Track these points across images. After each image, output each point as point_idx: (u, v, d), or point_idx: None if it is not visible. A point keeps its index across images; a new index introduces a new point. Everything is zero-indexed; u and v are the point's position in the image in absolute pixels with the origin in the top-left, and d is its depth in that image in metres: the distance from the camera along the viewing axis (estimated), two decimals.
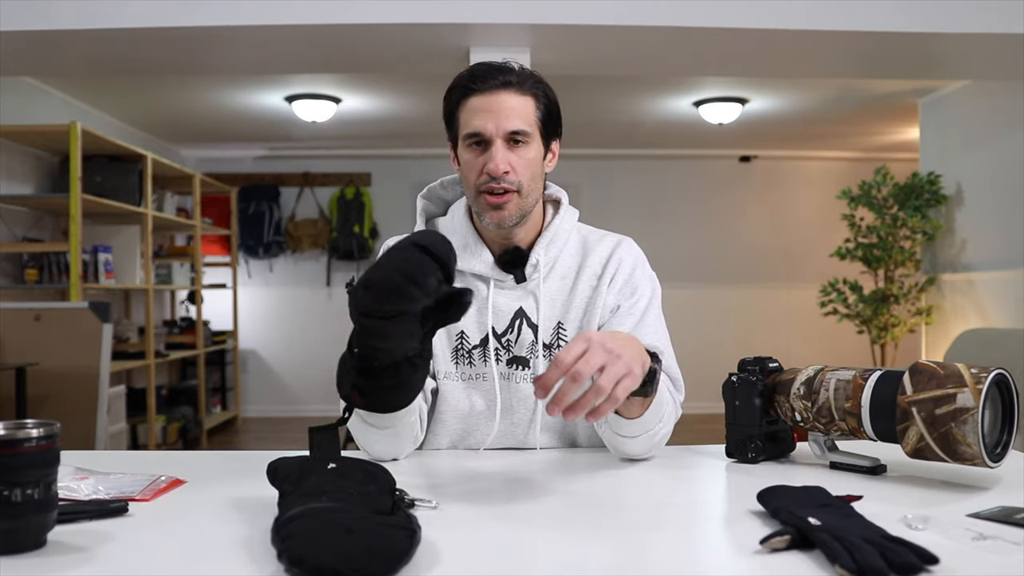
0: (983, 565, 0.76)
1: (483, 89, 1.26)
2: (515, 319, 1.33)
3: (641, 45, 3.48)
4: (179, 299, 6.33)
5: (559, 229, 1.37)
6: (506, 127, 1.25)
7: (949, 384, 0.99)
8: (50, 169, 4.66)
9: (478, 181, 1.27)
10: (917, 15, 3.24)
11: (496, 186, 1.25)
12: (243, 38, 3.34)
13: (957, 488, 1.04)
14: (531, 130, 1.27)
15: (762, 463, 1.19)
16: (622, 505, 1.03)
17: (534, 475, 1.17)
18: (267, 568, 0.75)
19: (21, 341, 3.39)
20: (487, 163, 1.25)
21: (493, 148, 1.25)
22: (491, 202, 1.26)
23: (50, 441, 0.81)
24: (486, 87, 1.26)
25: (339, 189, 6.79)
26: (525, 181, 1.27)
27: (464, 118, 1.28)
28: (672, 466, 1.23)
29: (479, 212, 1.30)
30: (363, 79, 4.81)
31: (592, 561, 0.80)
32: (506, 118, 1.25)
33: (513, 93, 1.26)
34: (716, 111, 5.37)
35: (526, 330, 1.33)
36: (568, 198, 1.43)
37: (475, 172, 1.27)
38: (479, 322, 1.33)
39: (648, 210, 6.82)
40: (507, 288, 1.35)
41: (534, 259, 1.34)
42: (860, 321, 5.21)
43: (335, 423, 0.98)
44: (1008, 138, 4.56)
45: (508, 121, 1.25)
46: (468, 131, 1.27)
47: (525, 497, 1.06)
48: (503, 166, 1.25)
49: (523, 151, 1.27)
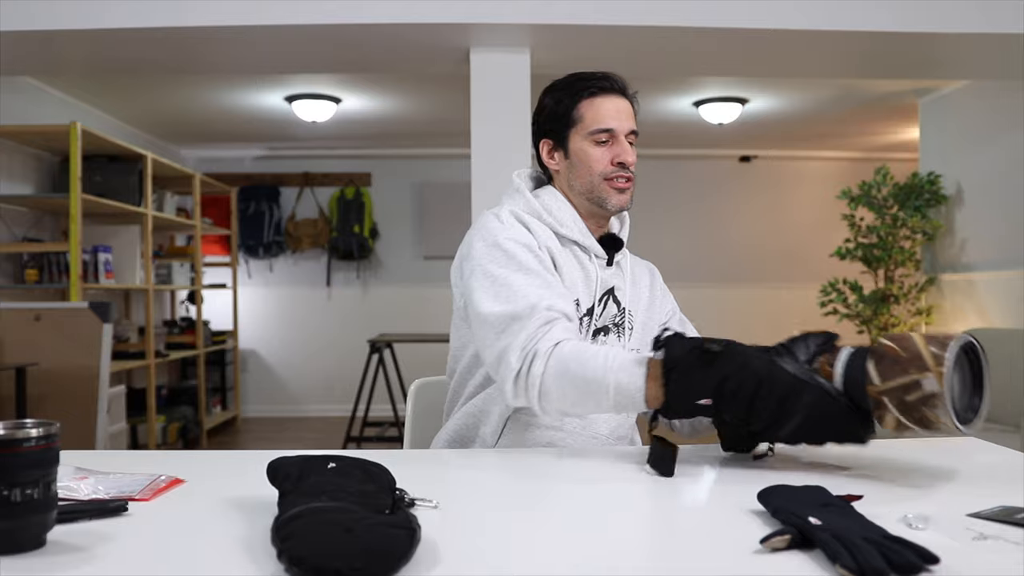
0: (983, 565, 0.76)
1: (610, 91, 1.46)
2: (606, 295, 1.48)
3: (641, 45, 3.49)
4: (179, 299, 6.33)
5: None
6: (629, 126, 1.46)
7: (912, 369, 1.00)
8: (50, 169, 4.66)
9: (606, 170, 1.44)
10: (917, 15, 3.24)
11: (623, 174, 1.44)
12: (243, 38, 3.34)
13: (957, 488, 1.04)
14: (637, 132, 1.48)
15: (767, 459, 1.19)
16: (622, 505, 1.03)
17: (535, 475, 1.17)
18: (267, 568, 0.74)
19: (21, 341, 3.39)
20: (617, 155, 1.44)
21: (622, 142, 1.44)
22: (619, 187, 1.44)
23: (50, 441, 0.81)
24: (611, 90, 1.46)
25: (339, 189, 6.79)
26: (636, 174, 1.48)
27: (592, 115, 1.45)
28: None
29: (603, 197, 1.45)
30: (363, 79, 4.81)
31: (592, 561, 0.80)
32: (628, 118, 1.46)
33: (626, 100, 1.48)
34: (716, 111, 5.37)
35: (611, 305, 1.48)
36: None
37: (603, 162, 1.44)
38: (589, 292, 1.45)
39: (648, 210, 6.82)
40: (601, 266, 1.49)
41: (624, 248, 1.54)
42: (860, 321, 5.21)
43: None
44: (1008, 138, 4.56)
45: (629, 121, 1.46)
46: (600, 126, 1.44)
47: (525, 497, 1.06)
48: (632, 156, 1.45)
49: (634, 150, 1.47)
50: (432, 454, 1.32)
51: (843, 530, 0.77)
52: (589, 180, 1.45)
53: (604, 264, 1.50)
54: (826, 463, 1.17)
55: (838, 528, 0.78)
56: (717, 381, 1.07)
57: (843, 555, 0.72)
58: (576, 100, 1.46)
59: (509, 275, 1.31)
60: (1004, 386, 3.94)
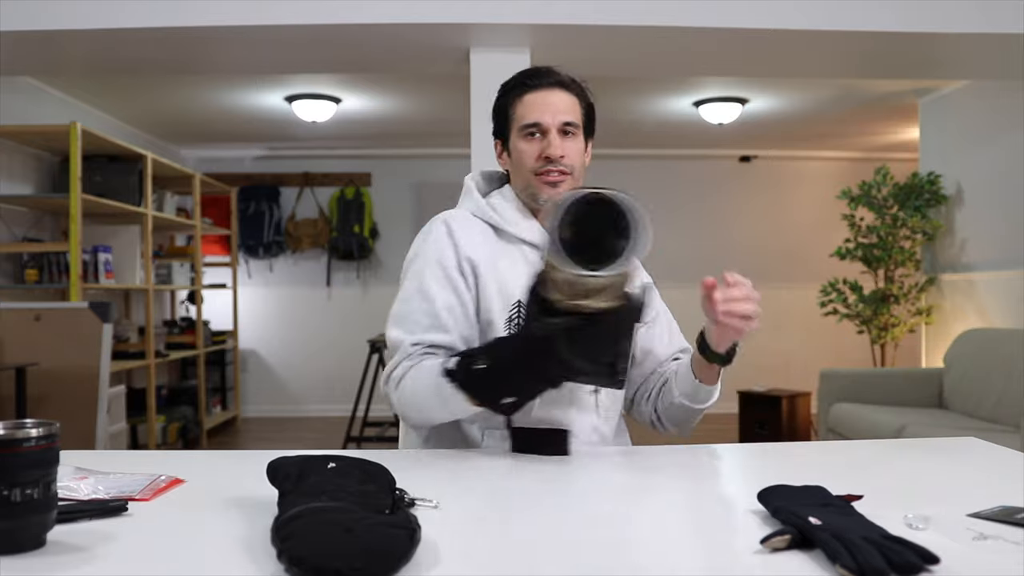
0: (983, 565, 0.76)
1: (538, 86, 1.44)
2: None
3: (641, 45, 3.49)
4: (179, 299, 6.33)
5: None
6: (560, 118, 1.42)
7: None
8: (50, 169, 4.66)
9: (535, 165, 1.42)
10: (917, 15, 3.24)
11: (553, 168, 1.41)
12: (243, 38, 3.34)
13: (957, 488, 1.04)
14: (578, 123, 1.45)
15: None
16: (621, 505, 1.03)
17: (534, 475, 1.17)
18: (267, 568, 0.74)
19: (21, 341, 3.39)
20: (545, 149, 1.41)
21: (550, 136, 1.41)
22: (549, 180, 1.42)
23: (50, 441, 0.81)
24: (541, 84, 1.44)
25: (339, 189, 6.79)
26: (576, 166, 1.44)
27: (520, 112, 1.44)
28: (672, 466, 1.23)
29: (535, 192, 1.44)
30: (363, 79, 4.81)
31: (592, 561, 0.80)
32: (560, 111, 1.42)
33: (563, 92, 1.44)
34: (716, 111, 5.37)
35: None
36: None
37: (532, 158, 1.43)
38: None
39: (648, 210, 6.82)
40: None
41: None
42: (860, 321, 5.21)
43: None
44: (1008, 138, 4.56)
45: (561, 114, 1.42)
46: (526, 121, 1.43)
47: (525, 497, 1.06)
48: (559, 151, 1.41)
49: (573, 141, 1.44)
50: (432, 454, 1.32)
51: (843, 530, 0.77)
52: (524, 176, 1.45)
53: None
54: (826, 463, 1.17)
55: (838, 528, 0.78)
56: (497, 384, 1.18)
57: (843, 555, 0.72)
58: (511, 98, 1.47)
59: (411, 297, 1.40)
60: (1004, 386, 3.94)
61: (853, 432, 4.17)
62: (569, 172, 1.42)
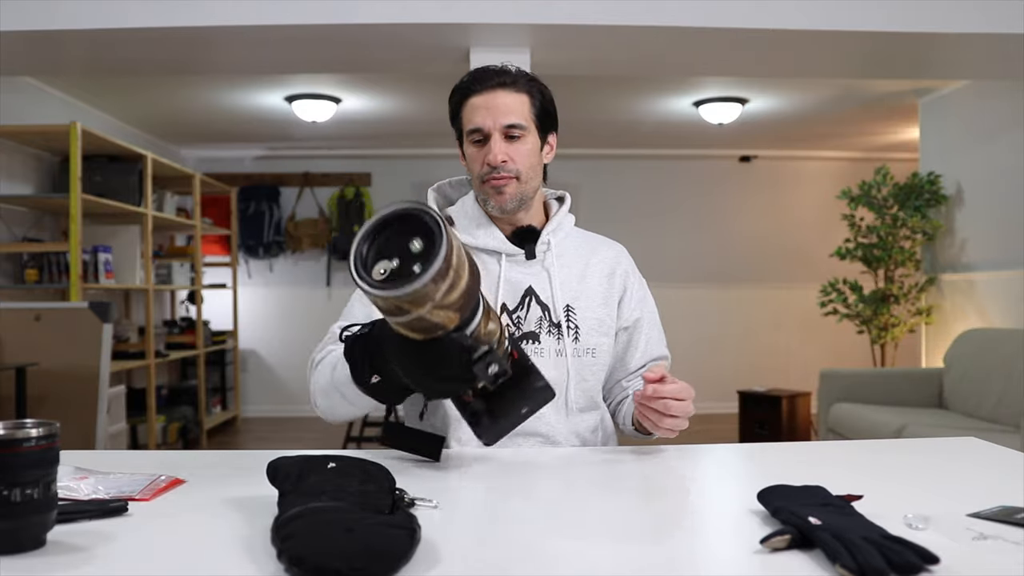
0: (983, 565, 0.76)
1: (481, 89, 1.39)
2: (525, 296, 1.41)
3: (641, 45, 3.48)
4: (179, 299, 6.33)
5: (564, 220, 1.50)
6: (502, 122, 1.37)
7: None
8: (50, 169, 4.66)
9: (481, 171, 1.39)
10: (917, 15, 3.24)
11: (496, 175, 1.37)
12: (243, 38, 3.34)
13: (957, 488, 1.04)
14: (526, 124, 1.39)
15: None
16: (621, 505, 1.03)
17: (534, 475, 1.17)
18: (267, 568, 0.74)
19: (21, 341, 3.39)
20: (487, 155, 1.38)
21: (492, 141, 1.37)
22: (493, 186, 1.38)
23: (50, 441, 0.81)
24: (484, 87, 1.39)
25: (339, 189, 6.79)
26: (523, 169, 1.39)
27: (466, 116, 1.41)
28: (672, 466, 1.23)
29: (484, 199, 1.42)
30: (363, 79, 4.81)
31: (591, 561, 0.80)
32: (502, 114, 1.37)
33: (509, 92, 1.39)
34: (716, 111, 5.37)
35: (535, 307, 1.41)
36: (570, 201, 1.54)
37: (478, 163, 1.40)
38: (491, 298, 1.38)
39: (648, 210, 6.82)
40: (518, 264, 1.43)
41: (545, 238, 1.45)
42: (860, 321, 5.21)
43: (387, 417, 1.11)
44: (1008, 138, 4.56)
45: (504, 116, 1.37)
46: (469, 127, 1.40)
47: (525, 497, 1.06)
48: (501, 156, 1.37)
49: (519, 143, 1.39)
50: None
51: (843, 530, 0.77)
52: (475, 183, 1.43)
53: (522, 260, 1.43)
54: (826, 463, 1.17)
55: (838, 528, 0.78)
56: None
57: (843, 555, 0.72)
58: (458, 104, 1.43)
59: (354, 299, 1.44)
60: (1004, 386, 3.94)
61: (853, 432, 4.17)
62: (514, 176, 1.38)
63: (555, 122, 1.46)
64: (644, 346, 1.49)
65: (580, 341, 1.41)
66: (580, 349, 1.41)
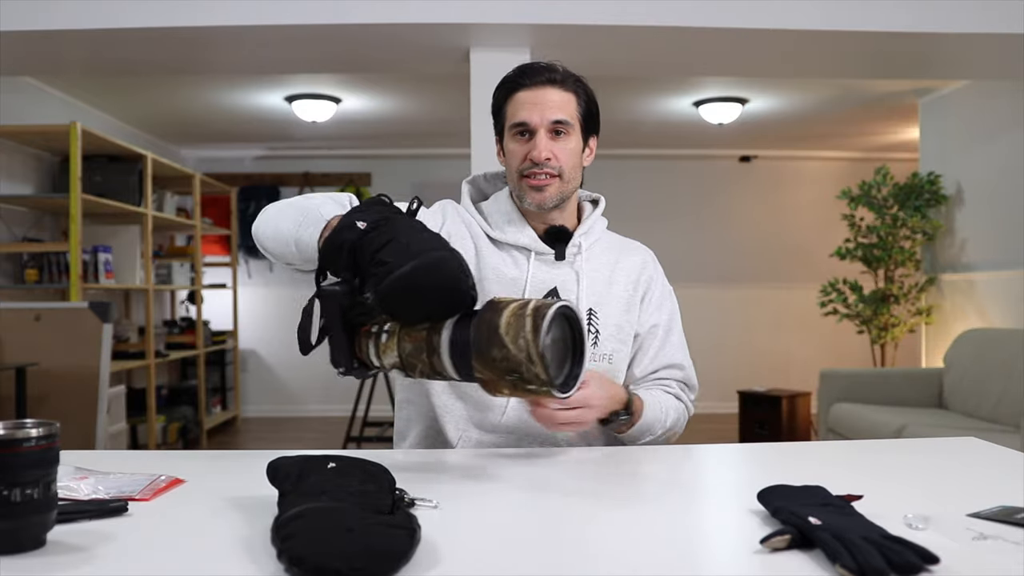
0: (983, 565, 0.76)
1: (530, 84, 1.38)
2: (548, 296, 1.39)
3: (641, 45, 3.49)
4: (179, 299, 6.33)
5: (596, 223, 1.49)
6: (550, 117, 1.36)
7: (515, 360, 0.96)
8: (50, 169, 4.66)
9: (521, 166, 1.37)
10: (917, 15, 3.24)
11: (538, 171, 1.36)
12: (243, 38, 3.34)
13: (957, 488, 1.04)
14: (572, 122, 1.38)
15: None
16: (621, 504, 1.03)
17: (534, 475, 1.17)
18: (267, 568, 0.74)
19: (21, 341, 3.39)
20: (531, 151, 1.36)
21: (537, 137, 1.36)
22: (533, 184, 1.37)
23: (50, 441, 0.80)
24: (533, 82, 1.38)
25: (339, 189, 6.79)
26: (566, 168, 1.37)
27: (511, 110, 1.39)
28: (672, 465, 1.23)
29: (521, 195, 1.40)
30: (363, 79, 4.81)
31: (592, 560, 0.80)
32: (550, 110, 1.36)
33: (557, 89, 1.38)
34: (716, 111, 5.37)
35: None
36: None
37: (519, 158, 1.38)
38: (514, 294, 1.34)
39: (648, 210, 6.82)
40: (546, 264, 1.41)
41: (577, 240, 1.43)
42: (860, 321, 5.21)
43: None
44: (1008, 138, 4.56)
45: (552, 112, 1.36)
46: (515, 121, 1.37)
47: (525, 497, 1.06)
48: (545, 153, 1.35)
49: (564, 141, 1.38)
50: (432, 454, 1.32)
51: (843, 530, 0.77)
52: (512, 177, 1.40)
53: (551, 260, 1.41)
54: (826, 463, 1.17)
55: (838, 528, 0.78)
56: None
57: (843, 555, 0.72)
58: (504, 97, 1.41)
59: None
60: (1004, 386, 3.94)
61: (853, 432, 4.17)
62: (556, 174, 1.36)
63: (597, 125, 1.45)
64: (655, 353, 1.45)
65: (599, 346, 1.40)
66: (597, 355, 1.39)
